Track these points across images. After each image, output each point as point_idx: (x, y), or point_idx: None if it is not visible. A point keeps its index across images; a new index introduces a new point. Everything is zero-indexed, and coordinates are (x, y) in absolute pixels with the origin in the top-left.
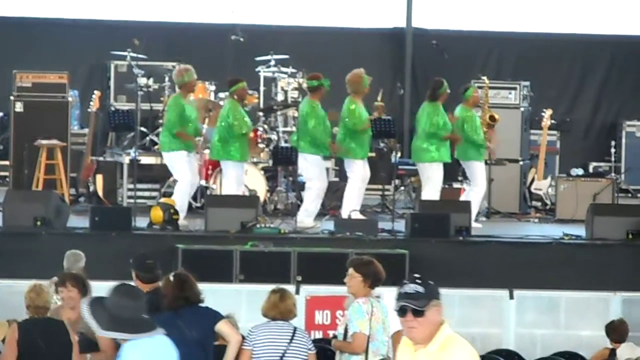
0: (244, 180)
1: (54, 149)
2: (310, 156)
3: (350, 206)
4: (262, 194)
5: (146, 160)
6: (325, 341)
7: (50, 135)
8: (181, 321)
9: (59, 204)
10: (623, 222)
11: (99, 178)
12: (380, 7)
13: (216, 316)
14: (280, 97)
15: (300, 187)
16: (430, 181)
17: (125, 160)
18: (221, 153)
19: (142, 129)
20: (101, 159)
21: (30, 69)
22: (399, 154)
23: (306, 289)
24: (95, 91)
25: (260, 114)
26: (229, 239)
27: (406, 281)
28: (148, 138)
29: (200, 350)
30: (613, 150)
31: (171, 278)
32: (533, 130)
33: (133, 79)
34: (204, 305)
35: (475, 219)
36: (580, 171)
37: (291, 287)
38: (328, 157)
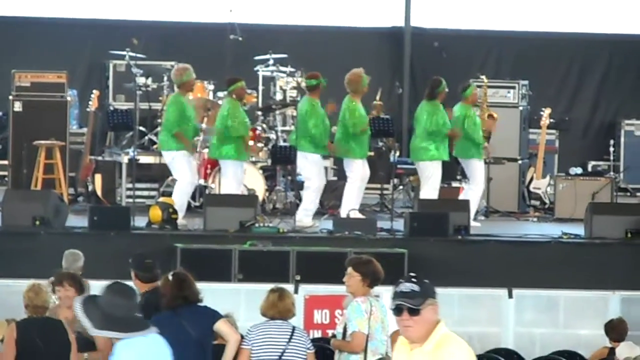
0: (242, 179)
1: (53, 149)
2: (310, 155)
3: (349, 205)
4: (261, 193)
5: (145, 159)
6: (324, 340)
7: (49, 134)
8: (181, 320)
9: (58, 204)
10: (622, 221)
11: (98, 177)
12: (379, 7)
13: (215, 315)
14: (279, 97)
15: (299, 187)
16: (429, 180)
17: (124, 159)
18: (220, 152)
19: (141, 128)
20: (100, 158)
21: (29, 68)
22: (397, 153)
23: (305, 288)
24: (94, 91)
25: (259, 113)
26: (228, 238)
27: (402, 280)
28: (147, 137)
29: (199, 349)
30: (612, 149)
31: (170, 277)
32: (532, 129)
33: (132, 79)
34: (203, 304)
35: (474, 218)
36: (579, 170)
37: (290, 287)
38: (327, 156)
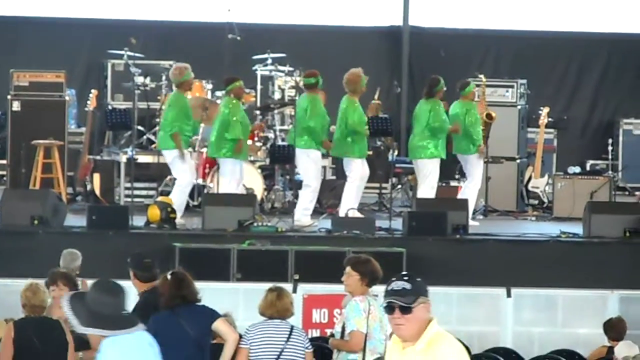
0: (241, 179)
1: (51, 148)
2: (313, 152)
3: (348, 204)
4: (259, 192)
5: (143, 159)
6: (323, 340)
7: (48, 134)
8: (179, 320)
9: (56, 203)
10: (620, 220)
11: (96, 177)
12: (377, 6)
13: (213, 315)
14: (277, 96)
15: (298, 186)
16: (427, 178)
17: (123, 159)
18: (219, 151)
19: (139, 127)
20: (98, 157)
21: (28, 68)
22: (396, 153)
23: (303, 287)
24: (92, 90)
25: (257, 112)
26: (226, 237)
27: (394, 278)
28: (145, 137)
29: (198, 348)
30: (610, 148)
31: (168, 277)
32: (530, 128)
33: (130, 78)
34: (201, 303)
35: (472, 217)
36: (577, 169)
37: (288, 286)
38: (325, 156)
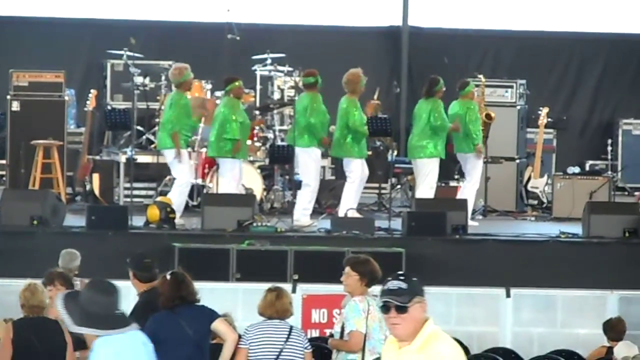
0: (240, 179)
1: (51, 148)
2: (312, 150)
3: (347, 205)
4: (259, 192)
5: (143, 159)
6: (322, 340)
7: (47, 134)
8: (178, 320)
9: (56, 203)
10: (620, 220)
11: (96, 177)
12: (377, 6)
13: (212, 315)
14: (276, 96)
15: (297, 186)
16: (426, 178)
17: (122, 159)
18: (218, 151)
19: (139, 127)
20: (98, 157)
21: (27, 68)
22: (395, 153)
23: (303, 287)
24: (91, 90)
25: (257, 112)
26: (226, 237)
27: (390, 278)
28: (145, 137)
29: (197, 348)
30: (609, 148)
31: (167, 277)
32: (529, 129)
33: (129, 78)
34: (201, 303)
35: (472, 217)
36: (576, 169)
37: (288, 286)
38: (325, 155)
